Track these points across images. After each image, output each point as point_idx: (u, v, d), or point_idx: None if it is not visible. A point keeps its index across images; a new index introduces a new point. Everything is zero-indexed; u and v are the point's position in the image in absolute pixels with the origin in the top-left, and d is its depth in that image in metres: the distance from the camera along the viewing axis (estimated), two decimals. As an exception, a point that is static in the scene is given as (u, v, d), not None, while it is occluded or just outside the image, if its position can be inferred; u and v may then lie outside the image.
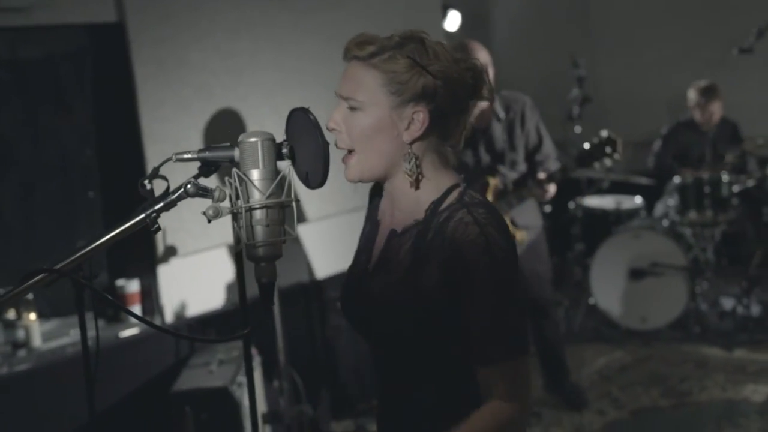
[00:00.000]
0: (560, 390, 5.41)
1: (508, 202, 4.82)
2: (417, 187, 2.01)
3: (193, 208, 2.00)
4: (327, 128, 2.00)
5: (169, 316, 4.65)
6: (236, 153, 1.91)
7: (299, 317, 5.26)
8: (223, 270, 4.83)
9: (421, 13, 5.97)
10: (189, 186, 1.90)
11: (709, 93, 7.11)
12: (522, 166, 4.96)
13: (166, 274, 4.64)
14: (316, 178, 1.93)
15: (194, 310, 4.73)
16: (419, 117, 1.96)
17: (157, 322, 4.57)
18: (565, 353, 5.49)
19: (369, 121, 1.96)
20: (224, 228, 4.57)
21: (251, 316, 2.14)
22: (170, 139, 4.55)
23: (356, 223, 2.30)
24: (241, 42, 4.90)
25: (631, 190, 7.62)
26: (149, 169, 4.42)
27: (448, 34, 7.12)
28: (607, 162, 4.87)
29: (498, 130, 4.93)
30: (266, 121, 4.94)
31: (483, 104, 4.76)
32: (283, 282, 4.78)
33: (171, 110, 4.59)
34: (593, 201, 7.43)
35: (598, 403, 5.44)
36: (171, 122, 4.58)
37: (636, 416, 5.27)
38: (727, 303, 6.85)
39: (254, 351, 4.62)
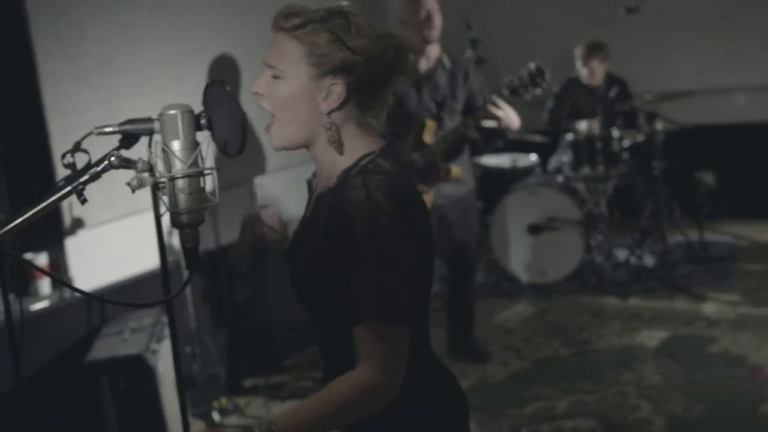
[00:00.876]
0: (464, 346, 5.58)
1: (445, 137, 5.07)
2: (341, 153, 2.08)
3: (98, 180, 2.04)
4: (251, 92, 2.09)
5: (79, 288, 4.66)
6: (156, 125, 1.99)
7: (208, 282, 5.33)
8: (130, 240, 4.86)
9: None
10: (113, 158, 1.97)
11: (592, 50, 7.36)
12: (459, 117, 5.18)
13: (74, 246, 4.66)
14: (234, 147, 2.01)
15: (103, 280, 4.75)
16: (336, 89, 2.04)
17: (68, 294, 4.60)
18: (475, 313, 5.66)
19: (289, 90, 2.05)
20: (129, 199, 4.62)
21: (166, 284, 2.22)
22: (72, 113, 4.55)
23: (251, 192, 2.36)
24: (139, 13, 4.91)
25: (526, 147, 7.83)
26: (53, 143, 4.46)
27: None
28: (537, 91, 5.09)
29: (443, 78, 5.22)
30: (167, 90, 4.97)
31: (434, 52, 5.13)
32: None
33: (72, 84, 4.59)
34: (490, 160, 7.60)
35: (502, 355, 5.64)
36: (73, 96, 4.58)
37: (538, 365, 5.48)
38: (621, 254, 7.11)
39: (165, 318, 4.68)
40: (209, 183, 1.99)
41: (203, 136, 2.00)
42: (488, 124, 5.16)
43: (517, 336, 5.98)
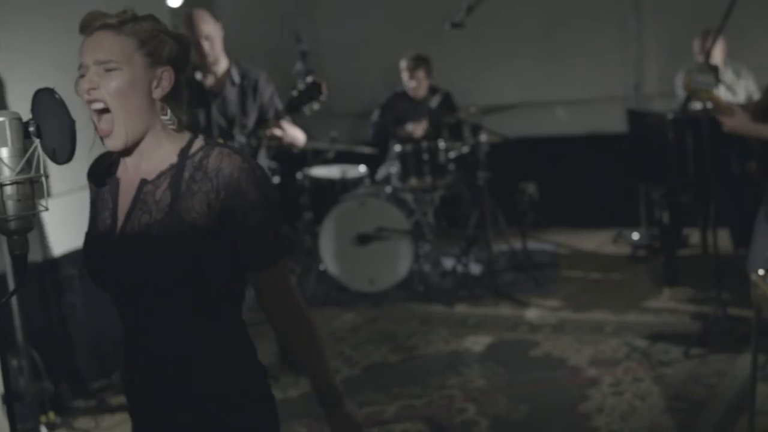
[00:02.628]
0: (293, 359, 5.59)
1: None
2: (178, 132, 2.22)
3: None
4: (84, 91, 2.13)
5: None
6: (-17, 132, 1.99)
7: (34, 295, 5.24)
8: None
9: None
10: (-63, 166, 1.96)
11: (416, 60, 7.55)
12: (250, 131, 5.20)
13: None
14: (63, 154, 2.03)
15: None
16: (166, 76, 2.18)
17: None
18: None
19: (126, 79, 2.13)
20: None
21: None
22: None
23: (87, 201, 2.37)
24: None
25: (355, 159, 7.95)
26: None
27: (172, 11, 7.15)
28: (315, 105, 5.12)
29: (232, 94, 5.23)
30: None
31: (221, 68, 5.18)
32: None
33: None
34: (320, 171, 7.69)
35: (332, 363, 5.70)
36: None
37: (368, 372, 5.58)
38: (448, 263, 7.31)
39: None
40: (38, 191, 2.00)
41: (32, 144, 2.01)
42: (271, 142, 5.21)
43: (347, 344, 6.07)
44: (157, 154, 2.20)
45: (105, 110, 2.14)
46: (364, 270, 7.02)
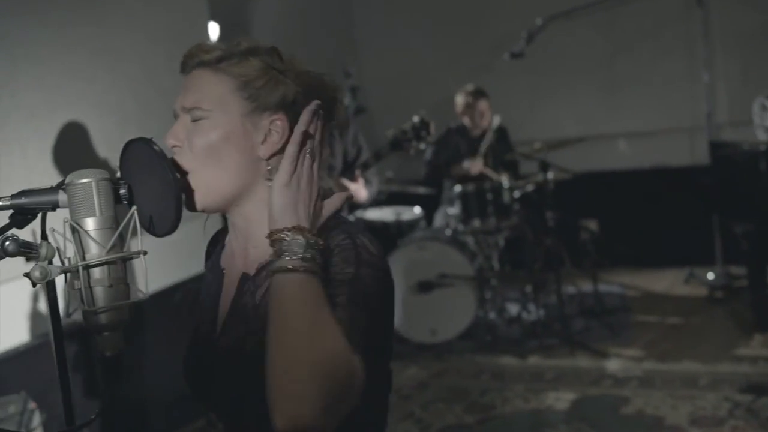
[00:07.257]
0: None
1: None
2: None
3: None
4: (167, 144, 1.64)
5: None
6: (62, 197, 1.52)
7: (79, 358, 4.78)
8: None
9: (186, 23, 5.63)
10: (8, 242, 1.48)
11: (476, 94, 7.09)
12: (338, 173, 4.94)
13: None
14: (164, 223, 1.55)
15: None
16: (277, 126, 1.64)
17: None
18: None
19: (217, 132, 1.62)
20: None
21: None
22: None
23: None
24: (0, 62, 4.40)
25: (409, 200, 7.48)
26: None
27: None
28: (421, 145, 4.89)
29: None
30: (30, 144, 4.45)
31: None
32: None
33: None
34: (373, 214, 7.19)
35: (403, 425, 5.21)
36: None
37: (445, 436, 5.07)
38: (513, 308, 6.80)
39: (34, 405, 4.15)
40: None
41: (124, 210, 1.55)
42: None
43: (416, 403, 5.55)
44: (263, 233, 1.58)
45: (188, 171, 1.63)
46: (424, 319, 6.51)
